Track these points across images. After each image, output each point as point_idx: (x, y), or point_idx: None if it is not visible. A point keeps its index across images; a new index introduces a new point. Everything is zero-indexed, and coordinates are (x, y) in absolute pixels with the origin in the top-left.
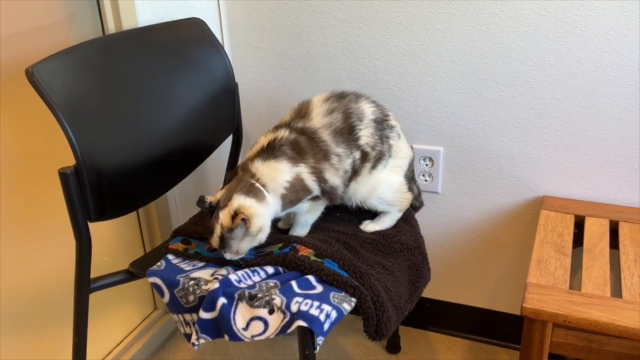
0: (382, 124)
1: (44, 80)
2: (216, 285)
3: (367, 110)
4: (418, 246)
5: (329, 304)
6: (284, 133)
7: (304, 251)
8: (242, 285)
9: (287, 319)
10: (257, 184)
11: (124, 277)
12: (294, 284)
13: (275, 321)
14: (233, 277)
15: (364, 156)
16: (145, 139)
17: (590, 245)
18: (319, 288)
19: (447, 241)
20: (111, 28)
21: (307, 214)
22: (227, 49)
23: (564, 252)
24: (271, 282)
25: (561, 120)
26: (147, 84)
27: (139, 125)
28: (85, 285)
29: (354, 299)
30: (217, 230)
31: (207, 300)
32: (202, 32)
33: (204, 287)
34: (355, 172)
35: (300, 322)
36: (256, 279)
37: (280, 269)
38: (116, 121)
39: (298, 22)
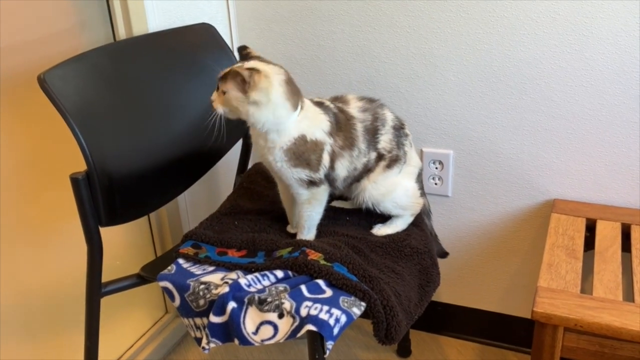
0: (399, 131)
1: (56, 86)
2: (226, 289)
3: (389, 117)
4: (428, 250)
5: (339, 308)
6: (328, 103)
7: (314, 255)
8: (252, 289)
9: (296, 323)
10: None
11: (135, 281)
12: (303, 288)
13: (285, 325)
14: (243, 281)
15: (379, 157)
16: (155, 144)
17: (602, 248)
18: (329, 292)
19: (457, 244)
20: (122, 33)
21: (308, 206)
22: (237, 54)
23: (575, 255)
24: (281, 286)
25: (571, 122)
26: (157, 89)
27: (150, 130)
28: (96, 289)
29: (363, 303)
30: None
31: (217, 305)
32: (211, 37)
33: (214, 291)
34: (368, 170)
35: (310, 327)
36: (266, 283)
37: (290, 273)
38: (127, 126)
39: (307, 26)
